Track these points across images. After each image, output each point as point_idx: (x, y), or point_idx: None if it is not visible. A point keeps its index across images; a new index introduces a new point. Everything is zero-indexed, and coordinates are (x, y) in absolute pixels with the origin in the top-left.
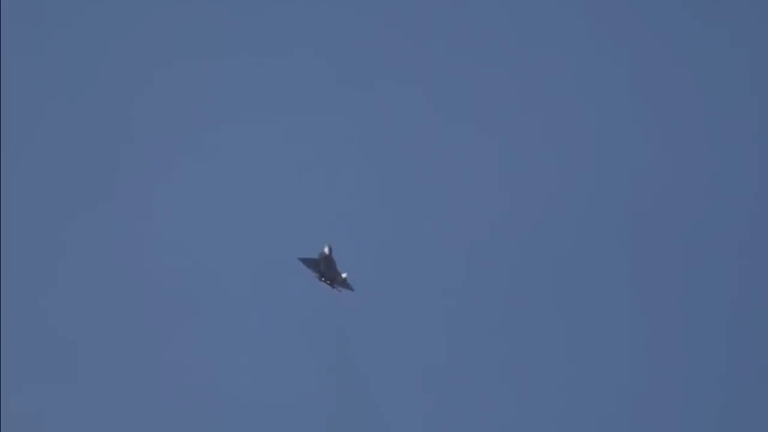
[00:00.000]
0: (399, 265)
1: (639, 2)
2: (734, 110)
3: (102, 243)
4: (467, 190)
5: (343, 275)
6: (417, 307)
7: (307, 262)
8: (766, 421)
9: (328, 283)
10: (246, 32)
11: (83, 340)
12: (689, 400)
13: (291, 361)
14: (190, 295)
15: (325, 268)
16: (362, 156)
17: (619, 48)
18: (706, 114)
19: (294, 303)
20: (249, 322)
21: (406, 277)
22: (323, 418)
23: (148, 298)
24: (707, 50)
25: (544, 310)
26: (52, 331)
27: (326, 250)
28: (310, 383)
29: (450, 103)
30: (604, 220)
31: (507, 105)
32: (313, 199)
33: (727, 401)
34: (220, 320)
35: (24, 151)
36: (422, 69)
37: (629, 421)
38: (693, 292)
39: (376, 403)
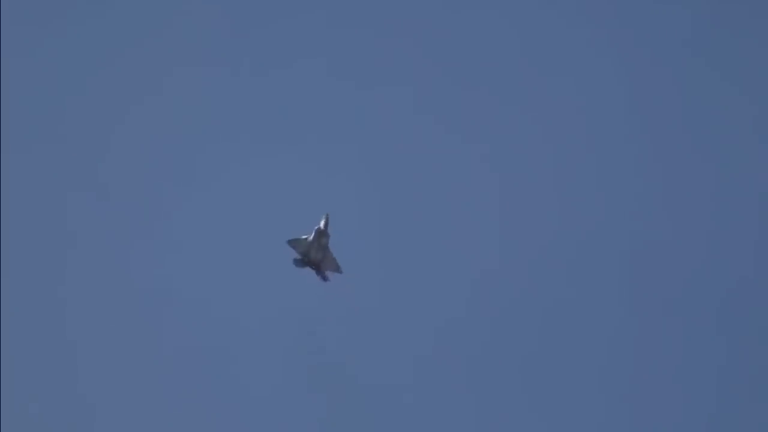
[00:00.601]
0: (399, 268)
1: (640, 10)
2: (735, 122)
3: (102, 247)
4: (468, 196)
5: (332, 256)
6: (415, 309)
7: (296, 243)
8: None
9: (313, 268)
10: (247, 37)
11: (86, 342)
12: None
13: (290, 363)
14: (192, 299)
15: (317, 249)
16: (365, 164)
17: (620, 54)
18: (707, 124)
19: (294, 305)
20: (251, 325)
21: (407, 280)
22: (319, 419)
23: (150, 301)
24: (708, 57)
25: (542, 313)
26: (53, 334)
27: (322, 223)
28: (308, 387)
29: (452, 108)
30: (605, 224)
31: (506, 109)
32: (317, 208)
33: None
34: (223, 325)
35: (25, 153)
36: (423, 75)
37: None
38: (695, 326)
39: (371, 404)
